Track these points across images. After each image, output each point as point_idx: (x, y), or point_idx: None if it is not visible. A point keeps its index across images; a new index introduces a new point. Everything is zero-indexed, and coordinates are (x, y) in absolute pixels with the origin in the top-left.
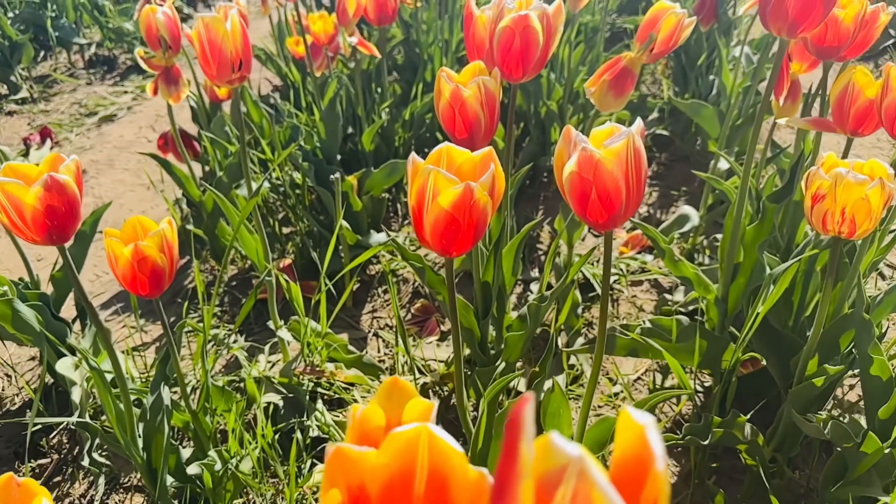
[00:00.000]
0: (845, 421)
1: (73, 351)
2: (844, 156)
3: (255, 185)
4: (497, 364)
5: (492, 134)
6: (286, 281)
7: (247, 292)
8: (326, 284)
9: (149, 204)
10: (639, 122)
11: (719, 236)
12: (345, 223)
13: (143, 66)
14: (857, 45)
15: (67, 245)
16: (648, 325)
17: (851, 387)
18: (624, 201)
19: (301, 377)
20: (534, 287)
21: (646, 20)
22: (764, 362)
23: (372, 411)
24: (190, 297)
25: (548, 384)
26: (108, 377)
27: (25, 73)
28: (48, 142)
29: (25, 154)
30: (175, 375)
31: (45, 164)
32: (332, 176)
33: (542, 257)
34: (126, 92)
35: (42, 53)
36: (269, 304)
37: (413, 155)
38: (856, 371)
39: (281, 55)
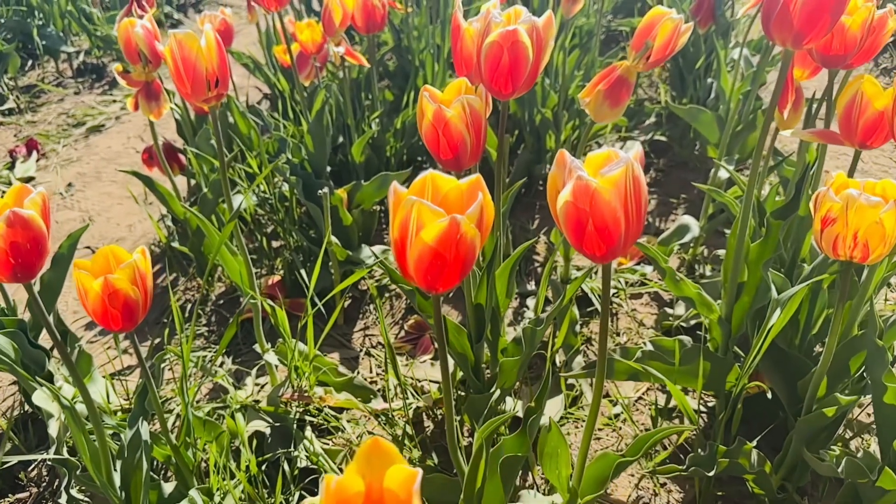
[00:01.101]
0: (858, 451)
1: (51, 379)
2: (852, 169)
3: (239, 201)
4: (492, 391)
5: (478, 154)
6: (271, 307)
7: (235, 310)
8: (316, 304)
9: (136, 217)
10: (637, 147)
11: (721, 252)
12: (334, 239)
13: (121, 82)
14: (864, 52)
15: (42, 272)
16: (650, 347)
17: (862, 406)
18: (623, 233)
19: (289, 404)
20: (530, 302)
21: (641, 27)
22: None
23: (349, 480)
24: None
25: (544, 420)
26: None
27: (12, 83)
28: (34, 154)
29: (11, 167)
30: (155, 408)
31: (10, 197)
32: (319, 191)
33: (539, 269)
34: (115, 101)
35: (30, 62)
36: (254, 327)
37: (395, 184)
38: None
39: (269, 63)
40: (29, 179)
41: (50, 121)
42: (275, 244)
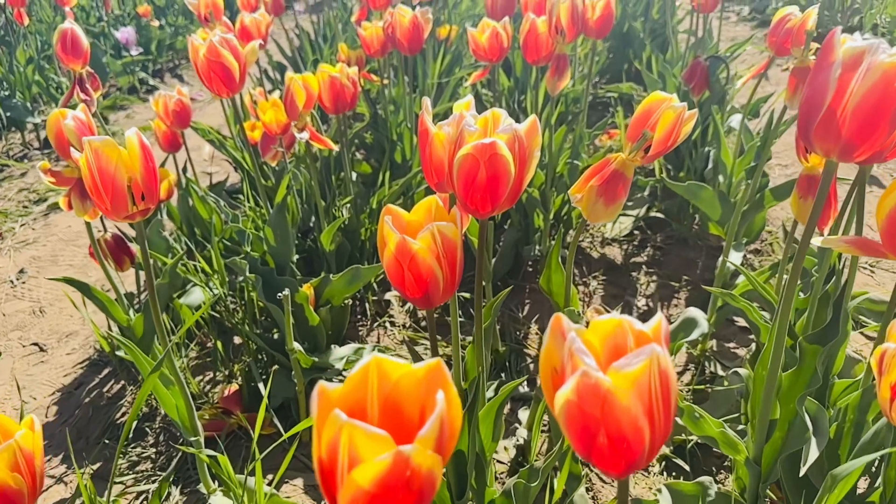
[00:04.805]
0: None
1: None
2: None
3: (192, 297)
4: None
5: (453, 289)
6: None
7: None
8: (284, 431)
9: (92, 307)
10: (659, 317)
11: (732, 346)
12: (297, 346)
13: (47, 180)
14: None
15: None
16: (667, 496)
17: None
18: (648, 445)
19: None
20: (522, 415)
21: (638, 115)
22: None
23: None
24: (121, 435)
25: None
26: None
27: None
28: None
29: None
30: None
31: None
32: (279, 294)
33: (531, 365)
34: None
35: None
36: (198, 468)
37: (320, 385)
38: None
39: (235, 139)
40: None
41: (10, 197)
42: (237, 340)
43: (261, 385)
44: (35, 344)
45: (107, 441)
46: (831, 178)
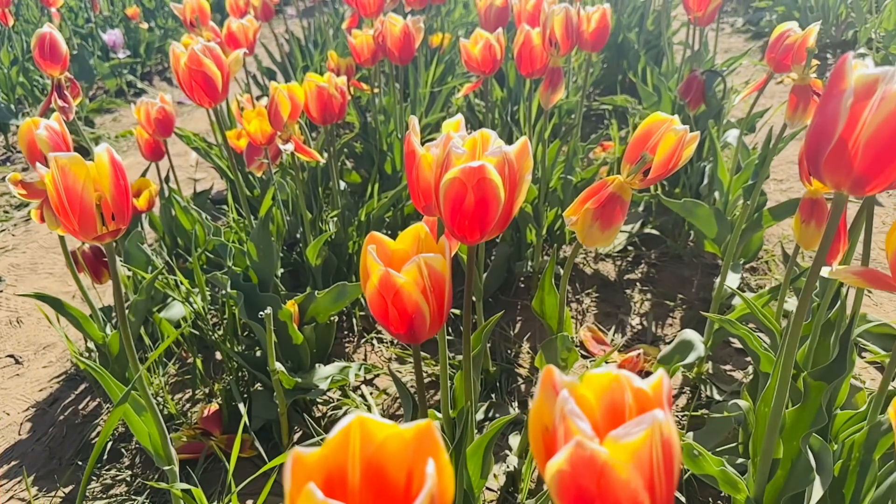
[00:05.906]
0: None
1: None
2: None
3: (173, 311)
4: None
5: (440, 324)
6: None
7: None
8: (266, 454)
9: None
10: (661, 374)
11: (729, 369)
12: (279, 366)
13: (18, 192)
14: None
15: None
16: None
17: None
18: None
19: None
20: (513, 440)
21: (637, 136)
22: None
23: None
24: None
25: None
26: None
27: None
28: None
29: None
30: None
31: None
32: (260, 313)
33: (523, 386)
34: None
35: None
36: (172, 498)
37: (296, 452)
38: None
39: (221, 148)
40: None
41: None
42: (219, 355)
43: (241, 405)
44: (10, 356)
45: (80, 462)
46: (841, 212)
